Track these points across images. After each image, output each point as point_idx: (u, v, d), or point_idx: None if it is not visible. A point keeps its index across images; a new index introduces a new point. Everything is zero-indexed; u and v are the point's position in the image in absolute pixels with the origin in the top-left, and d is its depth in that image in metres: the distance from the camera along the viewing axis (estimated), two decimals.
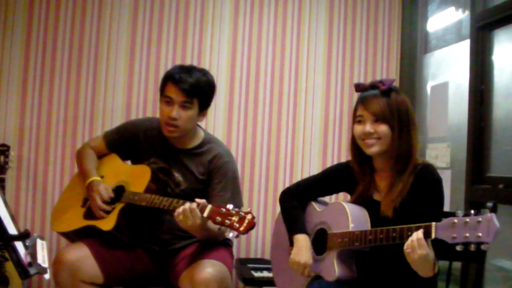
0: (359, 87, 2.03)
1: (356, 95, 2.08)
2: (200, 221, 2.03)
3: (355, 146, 2.03)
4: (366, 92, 1.98)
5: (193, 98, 2.31)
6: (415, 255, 1.67)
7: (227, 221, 1.94)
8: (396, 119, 1.91)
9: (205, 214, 2.01)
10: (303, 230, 2.09)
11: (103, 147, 2.56)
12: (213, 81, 2.41)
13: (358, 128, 1.97)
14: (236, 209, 1.97)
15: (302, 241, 2.06)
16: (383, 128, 1.91)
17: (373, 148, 1.94)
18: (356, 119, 1.98)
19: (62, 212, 2.50)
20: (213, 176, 2.37)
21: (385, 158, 1.96)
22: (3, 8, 3.11)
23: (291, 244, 2.11)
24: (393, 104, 1.92)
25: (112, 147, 2.56)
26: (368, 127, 1.92)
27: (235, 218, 1.94)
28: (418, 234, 1.67)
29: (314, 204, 2.18)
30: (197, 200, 2.07)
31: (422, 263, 1.69)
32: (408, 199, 1.89)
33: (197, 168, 2.40)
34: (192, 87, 2.30)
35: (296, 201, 2.19)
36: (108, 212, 2.29)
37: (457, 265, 2.48)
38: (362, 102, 1.97)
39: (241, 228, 1.92)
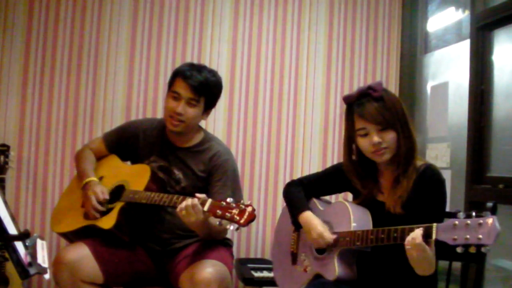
0: (349, 98, 1.97)
1: None
2: (203, 216, 2.04)
3: (352, 157, 2.01)
4: (358, 102, 1.93)
5: (200, 96, 2.32)
6: (414, 252, 1.68)
7: (228, 214, 1.95)
8: (397, 121, 1.90)
9: (206, 208, 2.01)
10: (307, 208, 2.10)
11: (103, 148, 2.56)
12: (221, 82, 2.43)
13: (364, 142, 1.92)
14: (237, 202, 1.97)
15: (308, 217, 2.06)
16: (390, 135, 1.89)
17: (385, 156, 1.91)
18: (358, 132, 1.93)
19: (62, 213, 2.50)
20: (213, 173, 2.38)
21: (390, 159, 1.95)
22: (3, 8, 3.11)
23: (297, 227, 2.12)
24: (391, 107, 1.90)
25: (112, 148, 2.56)
26: (376, 138, 1.88)
27: (235, 211, 1.94)
28: (418, 238, 1.67)
29: (317, 202, 2.18)
30: (197, 195, 2.07)
31: (421, 260, 1.69)
32: (412, 198, 1.89)
33: (197, 166, 2.40)
34: (201, 85, 2.31)
35: (300, 189, 2.20)
36: (103, 213, 2.29)
37: (457, 265, 2.48)
38: (359, 114, 1.91)
39: (242, 221, 1.92)
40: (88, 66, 3.18)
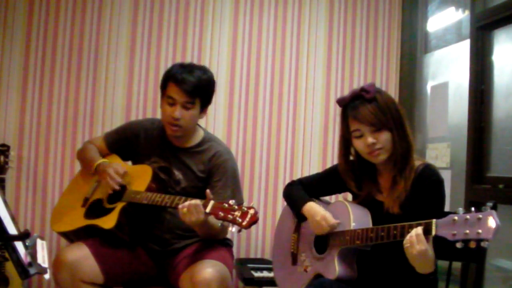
0: (343, 101, 1.99)
1: None
2: (203, 217, 2.04)
3: (348, 158, 2.03)
4: (351, 104, 1.94)
5: (195, 98, 2.32)
6: (413, 250, 1.67)
7: (230, 216, 1.95)
8: (391, 121, 1.91)
9: (208, 209, 2.02)
10: (310, 199, 2.11)
11: (104, 148, 2.56)
12: (213, 78, 2.43)
13: (359, 143, 1.94)
14: (239, 204, 1.98)
15: (311, 205, 2.07)
16: (384, 136, 1.91)
17: (380, 157, 1.93)
18: (353, 134, 1.95)
19: (62, 213, 2.50)
20: (213, 174, 2.38)
21: (388, 159, 1.95)
22: (3, 8, 3.11)
23: (300, 220, 2.13)
24: (384, 107, 1.91)
25: (112, 147, 2.56)
26: (370, 139, 1.90)
27: (237, 213, 1.95)
28: (418, 230, 1.68)
29: (316, 203, 2.18)
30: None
31: (420, 258, 1.69)
32: (410, 198, 1.89)
33: (197, 166, 2.40)
34: (194, 87, 2.31)
35: (300, 188, 2.21)
36: (103, 213, 2.29)
37: (457, 265, 2.48)
38: (353, 116, 1.93)
39: (244, 223, 1.93)
40: (88, 66, 3.18)
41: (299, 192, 2.19)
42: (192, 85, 2.30)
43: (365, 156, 1.96)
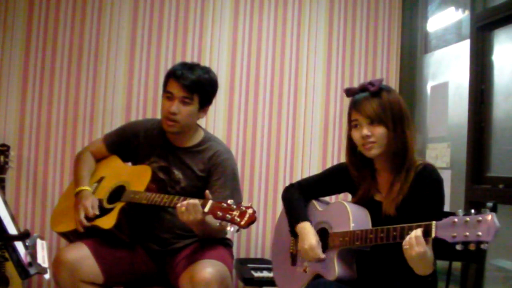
0: (349, 92, 2.02)
1: None
2: (201, 216, 2.04)
3: (353, 151, 2.03)
4: (357, 95, 1.98)
5: (193, 94, 2.33)
6: (412, 252, 1.68)
7: (228, 216, 1.96)
8: (390, 118, 1.92)
9: (206, 209, 2.02)
10: (306, 218, 2.10)
11: (104, 149, 2.57)
12: (215, 79, 2.43)
13: (355, 133, 1.97)
14: (237, 204, 1.98)
15: (305, 227, 2.06)
16: (379, 130, 1.92)
17: (372, 151, 1.94)
18: (352, 123, 1.98)
19: (62, 213, 2.50)
20: (212, 173, 2.38)
21: (384, 158, 1.97)
22: (3, 8, 3.11)
23: (294, 235, 2.12)
24: (385, 104, 1.92)
25: (112, 148, 2.56)
26: (365, 131, 1.92)
27: (236, 213, 1.95)
28: (417, 232, 1.68)
29: (315, 203, 2.18)
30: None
31: (419, 260, 1.69)
32: (409, 198, 1.90)
33: (196, 165, 2.40)
34: (193, 83, 2.32)
35: (299, 195, 2.20)
36: (102, 214, 2.29)
37: (457, 265, 2.48)
38: (354, 106, 1.97)
39: (242, 222, 1.93)
40: (88, 66, 3.18)
41: (297, 204, 2.17)
42: (191, 80, 2.31)
43: (360, 147, 1.98)
